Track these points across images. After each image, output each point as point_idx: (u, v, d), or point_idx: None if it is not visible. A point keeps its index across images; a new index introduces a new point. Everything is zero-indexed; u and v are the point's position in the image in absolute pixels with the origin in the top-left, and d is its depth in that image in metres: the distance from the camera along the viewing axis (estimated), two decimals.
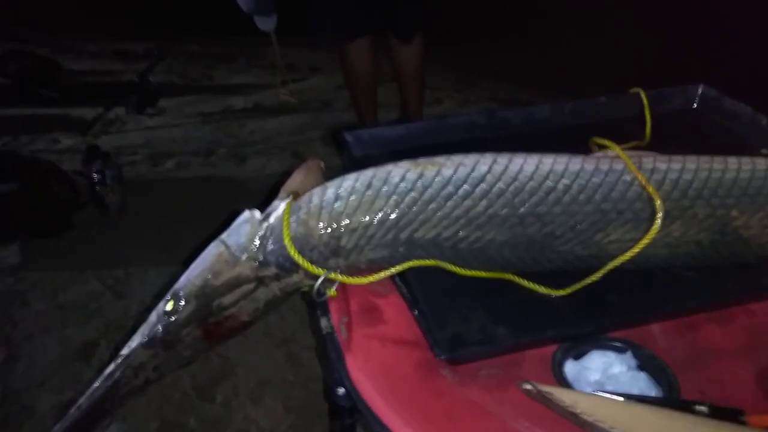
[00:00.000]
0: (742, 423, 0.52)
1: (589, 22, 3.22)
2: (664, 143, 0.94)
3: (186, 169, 2.27)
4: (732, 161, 0.70)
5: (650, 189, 0.65)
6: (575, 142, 0.86)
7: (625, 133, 0.96)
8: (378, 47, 2.06)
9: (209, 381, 1.42)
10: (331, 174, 0.72)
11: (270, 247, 0.62)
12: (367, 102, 2.10)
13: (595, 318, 0.64)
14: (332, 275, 0.62)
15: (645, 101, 1.01)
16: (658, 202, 0.64)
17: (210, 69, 3.31)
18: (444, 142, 0.97)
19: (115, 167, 1.98)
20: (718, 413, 0.52)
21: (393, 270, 0.63)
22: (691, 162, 0.69)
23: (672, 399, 0.55)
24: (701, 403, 0.53)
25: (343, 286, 0.66)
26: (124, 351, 0.63)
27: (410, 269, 0.66)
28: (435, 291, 0.68)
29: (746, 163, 0.70)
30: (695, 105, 1.06)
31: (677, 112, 1.06)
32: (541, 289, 0.67)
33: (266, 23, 2.42)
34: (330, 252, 0.62)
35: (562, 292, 0.67)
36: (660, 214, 0.64)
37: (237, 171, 2.25)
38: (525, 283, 0.67)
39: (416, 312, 0.63)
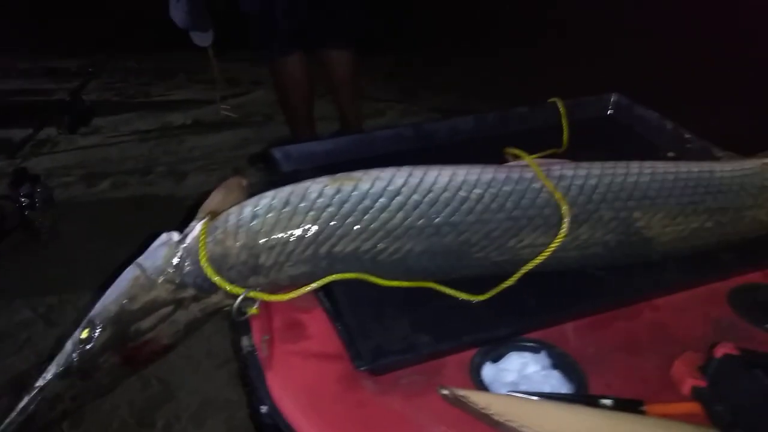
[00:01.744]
0: (642, 412, 0.55)
1: (530, 32, 3.34)
2: (581, 149, 0.99)
3: (122, 189, 2.21)
4: (634, 165, 0.75)
5: (557, 195, 0.69)
6: (498, 152, 0.89)
7: (545, 141, 1.00)
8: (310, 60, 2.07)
9: (149, 406, 1.38)
10: (254, 191, 0.72)
11: (187, 268, 0.62)
12: (304, 117, 2.11)
13: (511, 321, 0.67)
14: (252, 294, 0.62)
15: (562, 110, 1.06)
16: (564, 208, 0.68)
17: (147, 85, 3.23)
18: (372, 155, 0.99)
19: (46, 190, 1.90)
20: (620, 405, 0.56)
21: (313, 285, 0.64)
22: (596, 168, 0.73)
23: (580, 394, 0.58)
24: (606, 397, 0.57)
25: (266, 304, 0.67)
26: (39, 383, 0.61)
27: (336, 282, 0.67)
28: (360, 303, 0.69)
29: (647, 167, 0.75)
30: (610, 112, 1.12)
31: (593, 119, 1.12)
32: (462, 295, 0.69)
33: (203, 39, 2.40)
34: (249, 270, 0.63)
35: (481, 297, 0.69)
36: (567, 219, 0.68)
37: (176, 189, 2.20)
38: (446, 290, 0.70)
39: (338, 325, 0.63)
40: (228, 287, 0.61)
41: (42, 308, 1.65)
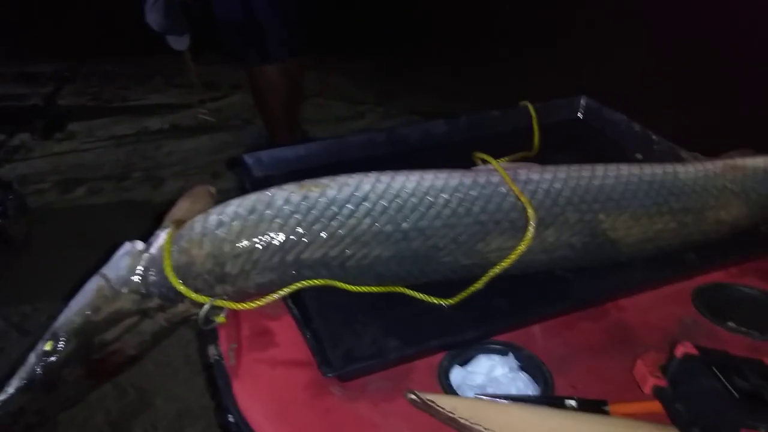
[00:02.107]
0: (605, 412, 0.56)
1: (511, 36, 3.36)
2: (552, 152, 1.00)
3: (98, 195, 2.18)
4: (599, 169, 0.76)
5: (523, 199, 0.69)
6: (471, 155, 0.90)
7: (517, 144, 1.01)
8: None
9: (126, 415, 1.37)
10: (228, 197, 0.72)
11: (152, 278, 0.61)
12: (283, 122, 2.09)
13: (480, 324, 0.67)
14: (218, 302, 0.62)
15: (533, 113, 1.07)
16: (530, 211, 0.68)
17: (124, 90, 3.19)
18: (344, 160, 0.99)
19: (18, 197, 1.87)
20: (584, 406, 0.56)
21: (280, 293, 0.64)
22: (562, 171, 0.74)
23: (545, 396, 0.59)
24: (571, 398, 0.57)
25: (234, 312, 0.66)
26: (0, 397, 0.60)
27: (306, 288, 0.67)
28: (330, 309, 0.69)
29: (611, 170, 0.76)
30: (580, 115, 1.14)
31: (564, 123, 1.13)
32: (431, 300, 0.70)
33: (179, 42, 2.37)
34: (215, 279, 0.62)
35: (450, 301, 0.70)
36: (532, 222, 0.68)
37: (153, 194, 2.18)
38: (415, 294, 0.70)
39: (305, 332, 0.63)
40: (194, 296, 0.60)
41: (16, 317, 1.62)
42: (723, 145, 0.93)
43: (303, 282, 0.65)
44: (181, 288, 0.60)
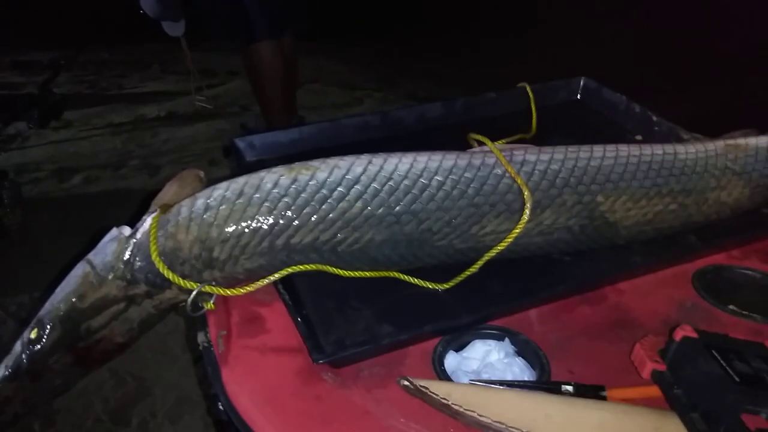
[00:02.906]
0: (603, 398, 0.55)
1: (508, 19, 3.32)
2: (550, 134, 0.98)
3: (95, 183, 2.17)
4: (597, 149, 0.74)
5: (519, 181, 0.68)
6: (466, 138, 0.88)
7: (515, 127, 0.99)
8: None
9: (124, 404, 1.36)
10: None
11: (138, 264, 0.60)
12: (280, 106, 2.07)
13: (475, 308, 0.66)
14: (207, 288, 0.61)
15: (531, 95, 1.05)
16: (527, 193, 0.67)
17: (121, 77, 3.17)
18: (338, 144, 0.97)
19: (13, 186, 1.85)
20: (581, 391, 0.55)
21: (270, 278, 0.63)
22: (559, 152, 0.72)
23: (542, 381, 0.57)
24: (567, 383, 0.56)
25: (224, 298, 0.65)
26: None
27: (298, 274, 0.66)
28: (322, 294, 0.68)
29: (610, 150, 0.74)
30: (579, 96, 1.12)
31: (563, 104, 1.11)
32: (426, 284, 0.68)
33: (175, 29, 2.34)
34: (203, 264, 0.61)
35: (445, 286, 0.68)
36: (529, 204, 0.67)
37: (150, 182, 2.16)
38: (410, 279, 0.69)
39: (297, 318, 0.62)
40: (181, 282, 0.59)
41: (12, 307, 1.62)
42: (725, 126, 0.91)
43: (294, 267, 0.64)
44: (168, 273, 0.58)
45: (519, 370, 0.60)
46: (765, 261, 0.73)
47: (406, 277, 0.69)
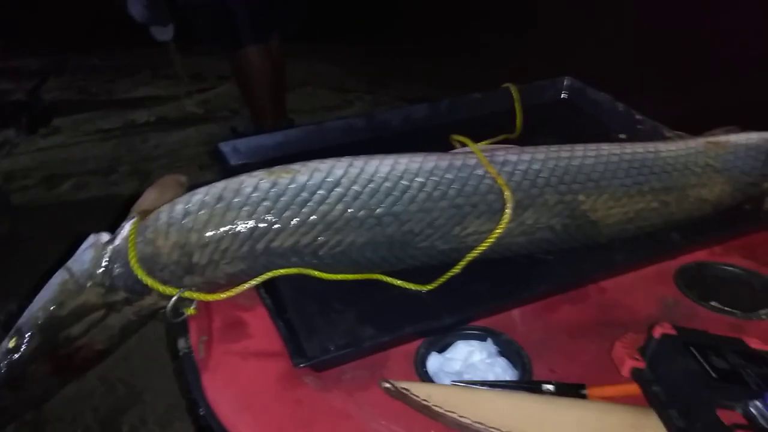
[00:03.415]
0: (583, 396, 0.55)
1: (500, 20, 3.33)
2: (535, 134, 0.98)
3: (84, 190, 2.15)
4: (578, 148, 0.74)
5: (500, 181, 0.68)
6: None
7: (500, 127, 1.00)
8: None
9: (114, 411, 1.36)
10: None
11: (117, 270, 0.59)
12: (269, 111, 2.06)
13: (458, 309, 0.66)
14: (187, 294, 0.60)
15: (515, 95, 1.05)
16: (507, 193, 0.67)
17: (111, 83, 3.15)
18: (324, 147, 0.97)
19: (2, 194, 1.85)
20: (562, 390, 0.55)
21: (251, 283, 0.62)
22: (540, 152, 0.72)
23: (523, 381, 0.57)
24: (549, 382, 0.56)
25: (206, 303, 0.65)
26: None
27: (281, 277, 0.66)
28: (305, 297, 0.68)
29: (591, 149, 0.74)
30: (563, 96, 1.12)
31: (548, 104, 1.11)
32: (409, 286, 0.68)
33: (163, 33, 2.33)
34: (183, 270, 0.60)
35: (428, 287, 0.68)
36: (510, 204, 0.67)
37: (141, 188, 2.13)
38: (393, 281, 0.69)
39: (278, 322, 0.62)
40: (160, 288, 0.59)
41: (1, 316, 1.61)
42: (709, 124, 0.91)
43: (275, 271, 0.64)
44: (147, 280, 0.58)
45: (501, 370, 0.60)
46: (746, 257, 0.73)
47: (389, 278, 0.69)
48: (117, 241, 0.61)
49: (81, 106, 2.83)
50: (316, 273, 0.66)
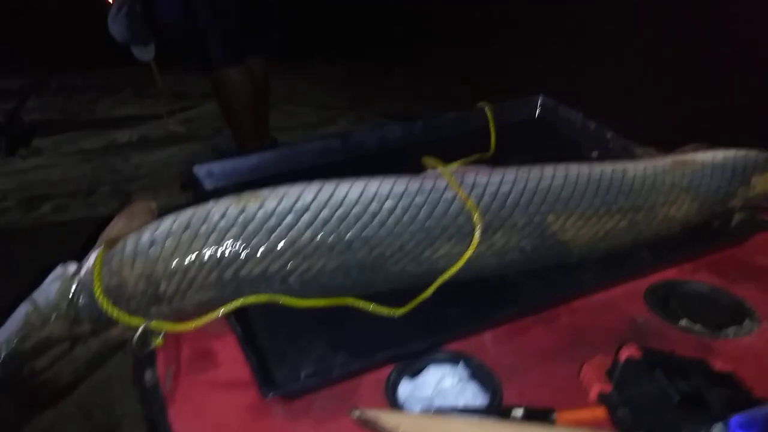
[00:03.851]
0: (552, 422, 0.55)
1: (479, 37, 3.37)
2: (509, 152, 0.99)
3: (64, 212, 2.13)
4: (547, 169, 0.75)
5: (469, 203, 0.68)
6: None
7: (475, 146, 1.00)
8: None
9: None
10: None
11: (82, 302, 0.59)
12: (250, 130, 2.06)
13: (430, 333, 0.66)
14: (154, 324, 0.60)
15: (489, 115, 1.06)
16: (476, 216, 0.67)
17: (93, 102, 3.13)
18: (299, 168, 0.97)
19: None
20: (531, 415, 0.55)
21: (219, 312, 0.62)
22: (510, 174, 0.73)
23: (492, 407, 0.57)
24: (518, 408, 0.56)
25: (174, 333, 0.64)
26: None
27: (251, 305, 0.65)
28: (276, 325, 0.67)
29: (560, 170, 0.75)
30: (537, 114, 1.13)
31: (522, 122, 1.12)
32: (380, 310, 0.68)
33: (144, 53, 2.32)
34: (149, 300, 0.60)
35: (400, 311, 0.68)
36: (479, 227, 0.67)
37: (121, 209, 2.13)
38: (364, 305, 0.68)
39: (247, 350, 0.61)
40: (126, 319, 0.58)
41: None
42: (682, 141, 0.92)
43: (245, 298, 0.63)
44: (113, 311, 0.58)
45: (471, 395, 0.60)
46: (714, 274, 0.74)
47: (360, 303, 0.68)
48: (82, 272, 0.60)
49: (62, 126, 2.81)
50: (288, 300, 0.65)
